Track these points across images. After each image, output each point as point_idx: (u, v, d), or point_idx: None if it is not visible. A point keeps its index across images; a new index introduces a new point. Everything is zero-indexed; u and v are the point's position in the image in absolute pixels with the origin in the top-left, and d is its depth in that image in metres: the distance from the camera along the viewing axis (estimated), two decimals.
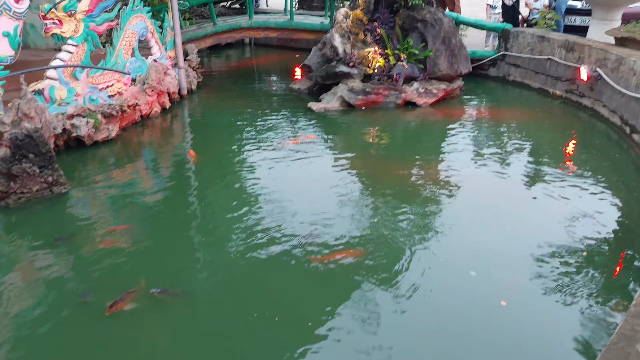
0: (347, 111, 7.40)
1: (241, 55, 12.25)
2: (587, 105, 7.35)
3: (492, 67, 9.26)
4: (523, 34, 8.69)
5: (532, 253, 3.94)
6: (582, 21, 9.94)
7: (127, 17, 6.53)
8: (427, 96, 7.65)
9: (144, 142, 6.35)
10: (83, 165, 5.52)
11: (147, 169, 5.73)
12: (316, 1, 11.86)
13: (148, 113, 6.84)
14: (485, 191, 5.11)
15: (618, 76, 6.65)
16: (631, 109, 6.21)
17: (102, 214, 4.57)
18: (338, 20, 7.91)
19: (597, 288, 3.56)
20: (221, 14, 11.41)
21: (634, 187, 5.11)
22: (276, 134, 6.58)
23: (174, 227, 4.38)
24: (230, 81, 9.64)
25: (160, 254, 3.98)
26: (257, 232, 4.20)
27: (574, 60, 7.64)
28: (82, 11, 5.70)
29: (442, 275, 3.72)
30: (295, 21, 9.65)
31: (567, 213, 4.55)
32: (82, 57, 5.80)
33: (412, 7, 7.90)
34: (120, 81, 6.38)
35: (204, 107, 7.92)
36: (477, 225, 4.44)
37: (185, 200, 4.91)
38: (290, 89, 8.52)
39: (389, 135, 6.77)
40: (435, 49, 7.84)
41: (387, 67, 7.77)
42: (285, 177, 5.35)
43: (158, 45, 7.29)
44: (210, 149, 6.20)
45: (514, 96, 8.52)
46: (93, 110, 5.81)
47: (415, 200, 4.82)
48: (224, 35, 9.60)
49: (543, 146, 6.41)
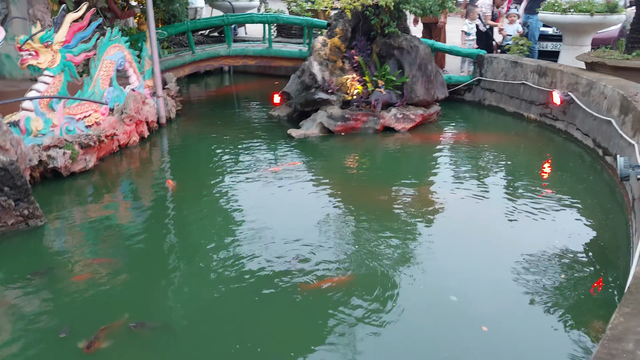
0: (326, 137, 7.44)
1: (220, 83, 12.29)
2: (561, 128, 7.51)
3: (468, 92, 9.44)
4: (497, 59, 8.90)
5: (512, 276, 3.98)
6: (554, 46, 10.22)
7: (105, 47, 6.52)
8: (405, 121, 7.75)
9: (122, 172, 6.30)
10: (60, 197, 5.44)
11: (126, 200, 5.67)
12: (294, 29, 12.00)
13: (126, 143, 6.79)
14: (465, 214, 5.16)
15: (589, 100, 6.82)
16: (603, 132, 6.36)
17: (79, 246, 4.49)
18: (316, 48, 8.01)
19: (576, 311, 3.60)
20: (200, 42, 11.46)
21: (609, 208, 5.21)
22: (256, 161, 6.58)
23: (154, 259, 4.33)
24: (210, 109, 9.65)
25: (139, 287, 3.91)
26: (238, 262, 4.16)
27: (546, 85, 7.83)
28: (59, 42, 5.69)
29: (423, 301, 3.72)
30: (274, 49, 9.75)
31: (545, 235, 4.60)
32: (58, 88, 5.76)
33: (389, 34, 8.06)
34: (98, 111, 6.34)
35: (183, 135, 7.91)
36: (456, 248, 4.47)
37: (165, 230, 4.86)
38: (270, 116, 8.56)
39: (369, 161, 6.83)
40: (412, 75, 7.97)
41: (365, 93, 7.87)
42: (265, 205, 5.33)
43: (136, 75, 7.29)
44: (190, 177, 6.17)
45: (489, 120, 8.68)
46: (70, 141, 5.76)
47: (396, 226, 4.84)
48: (202, 64, 9.65)
49: (520, 169, 6.51)
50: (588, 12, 7.99)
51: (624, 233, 4.63)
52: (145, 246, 4.54)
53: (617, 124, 5.85)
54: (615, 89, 6.21)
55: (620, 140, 5.67)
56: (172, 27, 9.56)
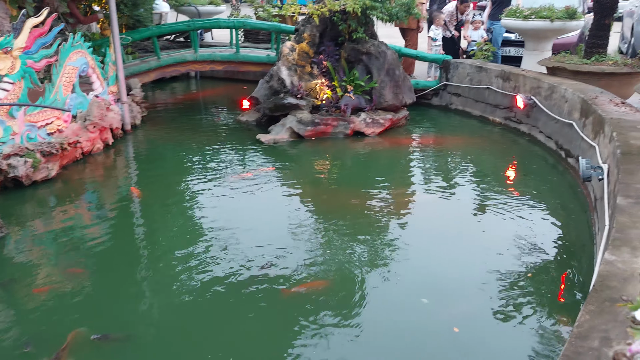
0: (296, 142, 7.43)
1: (187, 88, 12.15)
2: (525, 131, 7.68)
3: (435, 96, 9.57)
4: (462, 64, 9.05)
5: (480, 277, 4.03)
6: (516, 52, 10.46)
7: (67, 53, 6.37)
8: (375, 126, 7.80)
9: (86, 180, 6.15)
10: (21, 207, 5.27)
11: (89, 209, 5.53)
12: (262, 34, 11.94)
13: (90, 150, 6.64)
14: (433, 217, 5.22)
15: (551, 103, 7.00)
16: (564, 134, 6.53)
17: (42, 257, 4.36)
18: (284, 53, 8.00)
19: (544, 310, 3.67)
20: (165, 47, 11.30)
21: (572, 208, 5.34)
22: (225, 166, 6.52)
23: (118, 268, 4.22)
24: (176, 115, 9.52)
25: (104, 297, 3.81)
26: (207, 270, 4.11)
27: (510, 89, 8.00)
28: (19, 48, 5.53)
29: (394, 303, 3.74)
30: (242, 54, 9.69)
31: (512, 236, 4.69)
32: (19, 95, 5.59)
33: (357, 40, 8.10)
34: (60, 118, 6.18)
35: (149, 142, 7.77)
36: (426, 251, 4.52)
37: (130, 239, 4.76)
38: (238, 121, 8.50)
39: (340, 165, 6.84)
40: (380, 80, 8.03)
41: (335, 98, 7.89)
42: (235, 211, 5.28)
43: (100, 81, 7.14)
44: (156, 184, 6.06)
45: (456, 124, 8.81)
46: (31, 149, 5.59)
47: (366, 229, 4.86)
48: (168, 69, 9.51)
49: (486, 171, 6.63)
50: (548, 18, 8.21)
51: (587, 233, 4.75)
52: (109, 256, 4.43)
53: (578, 127, 6.01)
54: (575, 92, 6.39)
55: (582, 142, 5.82)
56: (137, 33, 9.40)
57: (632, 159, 3.99)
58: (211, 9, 13.19)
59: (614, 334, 1.94)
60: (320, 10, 7.82)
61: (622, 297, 1.98)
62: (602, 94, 6.30)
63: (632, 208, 3.15)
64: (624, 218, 3.02)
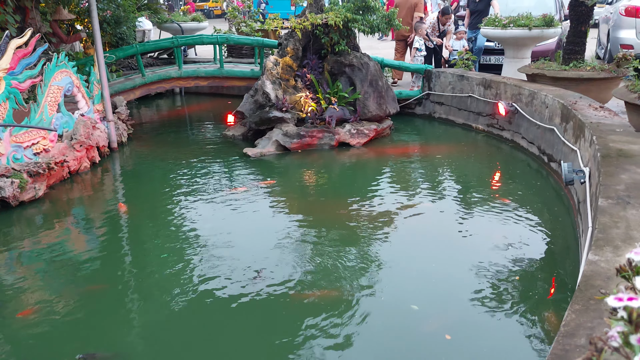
0: (283, 155, 7.48)
1: (172, 104, 12.17)
2: (508, 137, 7.81)
3: (419, 105, 9.70)
4: (444, 73, 9.20)
5: (469, 282, 4.09)
6: (497, 60, 10.66)
7: (52, 73, 6.38)
8: (360, 136, 7.88)
9: (73, 199, 6.13)
10: (8, 228, 5.24)
11: (77, 228, 5.52)
12: (245, 49, 12.03)
13: (77, 169, 6.63)
14: (420, 224, 5.29)
15: (532, 109, 7.14)
16: (546, 139, 6.66)
17: (30, 279, 4.33)
18: (268, 67, 8.07)
19: (532, 311, 3.73)
20: (149, 64, 11.34)
21: (556, 211, 5.45)
22: (212, 181, 6.54)
23: (108, 288, 4.21)
24: (162, 131, 9.54)
25: (94, 318, 3.79)
26: (197, 285, 4.12)
27: (492, 97, 8.14)
28: (3, 69, 5.53)
29: (385, 311, 3.78)
30: (226, 69, 9.76)
31: (498, 240, 4.77)
32: (4, 116, 5.59)
33: (339, 52, 8.21)
34: (47, 138, 6.17)
35: (136, 159, 7.77)
36: (414, 258, 4.57)
37: (119, 258, 4.75)
38: (224, 136, 8.53)
39: (327, 176, 6.90)
40: (364, 91, 8.14)
41: (319, 110, 7.97)
42: (223, 225, 5.31)
43: (85, 100, 7.14)
44: (144, 201, 6.06)
45: (440, 132, 8.93)
46: (18, 170, 5.58)
47: (354, 239, 4.90)
48: (153, 86, 9.54)
49: (471, 178, 6.73)
50: (526, 26, 8.39)
51: (572, 235, 4.84)
52: (98, 275, 4.42)
53: (560, 132, 6.14)
54: (555, 98, 6.53)
55: (563, 147, 5.95)
56: (121, 51, 9.42)
57: (611, 162, 4.10)
58: (194, 26, 13.27)
59: (600, 331, 2.00)
60: (302, 24, 7.92)
61: (600, 291, 2.05)
62: (582, 99, 6.44)
63: (613, 209, 3.24)
64: (606, 219, 3.11)
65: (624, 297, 0.92)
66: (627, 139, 4.72)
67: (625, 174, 3.81)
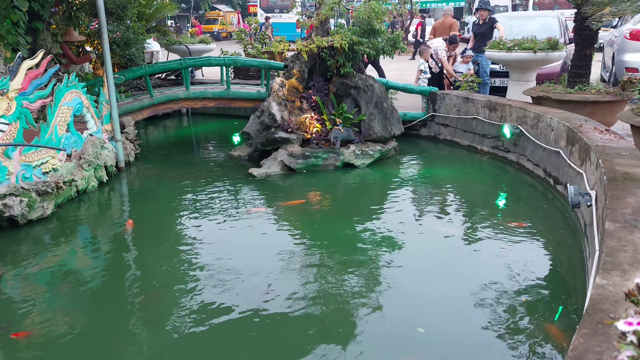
0: (288, 175, 7.52)
1: (179, 124, 12.28)
2: (513, 159, 7.83)
3: (424, 127, 9.75)
4: (449, 95, 9.26)
5: (477, 305, 4.07)
6: (502, 82, 10.73)
7: (62, 93, 6.47)
8: (364, 157, 7.92)
9: (81, 218, 6.17)
10: (17, 246, 5.27)
11: (84, 247, 5.54)
12: (252, 71, 12.18)
13: (85, 188, 6.68)
14: (426, 246, 5.28)
15: (538, 132, 7.17)
16: (552, 162, 6.67)
17: (39, 298, 4.34)
18: (274, 89, 8.16)
19: (539, 335, 3.70)
20: (157, 85, 11.48)
21: (562, 234, 5.43)
22: (218, 201, 6.56)
23: (116, 308, 4.21)
24: (169, 151, 9.61)
25: (98, 339, 3.79)
26: (204, 306, 4.11)
27: (497, 119, 8.18)
28: (15, 90, 5.62)
29: (391, 334, 3.76)
30: (233, 90, 9.86)
31: (505, 263, 4.75)
32: (14, 135, 5.65)
33: (345, 74, 8.30)
34: (55, 157, 6.24)
35: (143, 178, 7.83)
36: (420, 280, 4.56)
37: (126, 278, 4.75)
38: (230, 156, 8.59)
39: (332, 197, 6.91)
40: (369, 113, 8.20)
41: (324, 131, 8.04)
42: (228, 246, 5.32)
43: (94, 120, 7.22)
44: (150, 221, 6.09)
45: (445, 154, 8.96)
46: (27, 189, 5.62)
47: (361, 260, 4.90)
48: (161, 107, 9.64)
49: (476, 200, 6.73)
50: (531, 49, 8.47)
51: (579, 258, 4.83)
52: (103, 295, 4.42)
53: (565, 154, 6.16)
54: (560, 121, 6.56)
55: (569, 170, 5.96)
56: (130, 72, 9.56)
57: (617, 185, 4.10)
58: (202, 47, 13.46)
59: (608, 355, 2.00)
60: (308, 46, 8.03)
61: (610, 315, 2.05)
62: (587, 122, 6.47)
63: (620, 232, 3.24)
64: (613, 242, 3.10)
65: (634, 322, 0.93)
66: (634, 162, 4.73)
67: (632, 198, 3.81)
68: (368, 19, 8.21)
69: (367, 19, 8.21)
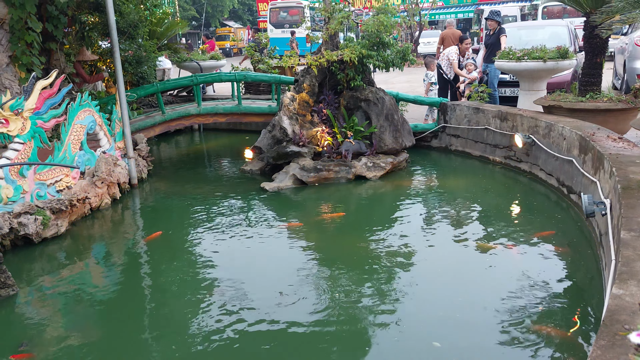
0: (300, 188, 7.52)
1: (191, 140, 12.37)
2: (526, 169, 7.77)
3: (435, 138, 9.73)
4: (459, 106, 9.24)
5: (492, 317, 4.02)
6: (512, 92, 10.69)
7: (75, 112, 6.56)
8: (376, 169, 7.91)
9: (95, 235, 6.21)
10: (31, 265, 5.32)
11: (98, 264, 5.57)
12: (262, 85, 12.27)
13: (98, 205, 6.74)
14: (440, 258, 5.24)
15: (550, 141, 7.11)
16: (565, 171, 6.61)
17: (54, 316, 4.37)
18: (285, 103, 8.21)
19: (556, 345, 3.65)
20: (169, 102, 11.60)
21: (578, 244, 5.36)
22: (231, 216, 6.58)
23: (131, 324, 4.23)
24: (181, 167, 9.68)
25: (116, 356, 3.81)
26: (218, 322, 4.11)
27: (508, 129, 8.14)
28: (29, 109, 5.71)
29: (406, 348, 3.72)
30: (244, 106, 9.93)
31: (520, 274, 4.70)
32: (29, 155, 5.74)
33: (355, 88, 8.33)
34: (69, 175, 6.31)
35: (155, 195, 7.88)
36: (435, 293, 4.52)
37: (141, 293, 4.78)
38: (242, 171, 8.63)
39: (344, 209, 6.90)
40: (380, 125, 8.21)
41: (336, 144, 8.05)
42: (241, 261, 5.33)
43: (107, 137, 7.31)
44: (163, 237, 6.11)
45: (457, 165, 8.92)
46: (41, 207, 5.69)
47: (375, 273, 4.87)
48: (173, 123, 9.74)
49: (490, 210, 6.67)
50: (541, 59, 8.43)
51: (595, 267, 4.76)
52: (119, 313, 4.43)
53: (578, 163, 6.10)
54: (573, 130, 6.51)
55: (583, 179, 5.90)
56: (142, 89, 9.68)
57: (632, 194, 4.05)
58: (212, 64, 13.58)
59: None
60: (318, 60, 8.08)
61: (624, 326, 2.02)
62: (599, 130, 6.41)
63: (636, 241, 3.19)
64: (629, 252, 3.06)
65: None
66: None
67: None
68: (377, 32, 8.25)
69: (376, 32, 8.25)
